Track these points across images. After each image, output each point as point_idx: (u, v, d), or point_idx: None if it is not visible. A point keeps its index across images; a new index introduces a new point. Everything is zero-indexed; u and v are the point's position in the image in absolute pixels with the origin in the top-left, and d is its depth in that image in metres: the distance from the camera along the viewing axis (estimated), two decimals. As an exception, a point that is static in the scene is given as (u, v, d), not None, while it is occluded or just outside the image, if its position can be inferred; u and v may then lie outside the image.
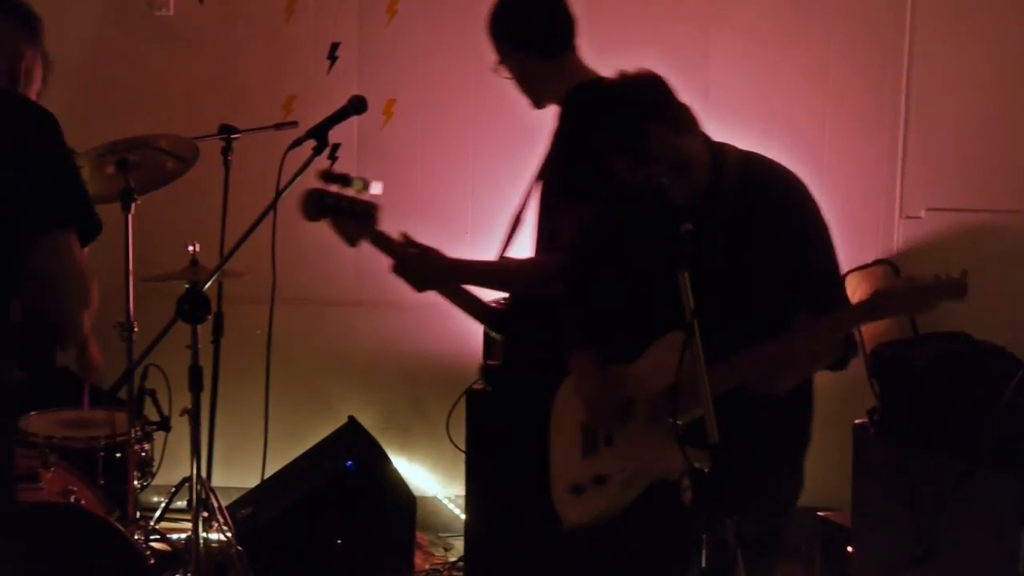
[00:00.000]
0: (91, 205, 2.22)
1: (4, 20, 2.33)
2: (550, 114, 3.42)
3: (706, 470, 2.15)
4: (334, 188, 3.16)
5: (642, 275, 2.64)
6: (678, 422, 2.29)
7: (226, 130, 4.35)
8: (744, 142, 2.80)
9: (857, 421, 3.76)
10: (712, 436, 2.15)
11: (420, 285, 3.23)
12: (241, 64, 5.11)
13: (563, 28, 3.27)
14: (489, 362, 3.47)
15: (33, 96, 2.40)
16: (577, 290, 2.86)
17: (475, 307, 3.38)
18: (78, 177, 2.24)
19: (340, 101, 3.44)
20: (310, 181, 3.23)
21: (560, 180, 3.10)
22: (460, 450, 4.11)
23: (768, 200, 2.58)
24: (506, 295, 3.52)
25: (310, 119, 4.70)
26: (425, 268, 3.19)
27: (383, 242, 3.20)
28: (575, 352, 2.83)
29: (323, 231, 4.98)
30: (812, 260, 2.57)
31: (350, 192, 3.16)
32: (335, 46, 5.07)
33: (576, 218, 2.97)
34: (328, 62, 5.07)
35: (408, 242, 3.21)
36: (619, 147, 2.57)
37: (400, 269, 3.20)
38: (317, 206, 3.16)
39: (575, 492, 2.72)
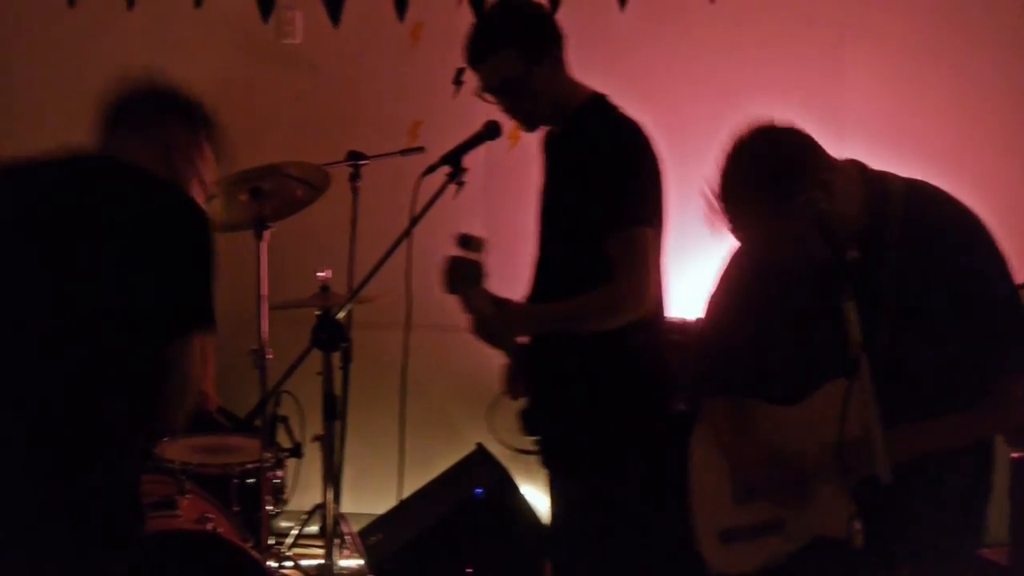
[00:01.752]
0: (212, 306, 2.29)
1: (162, 119, 2.42)
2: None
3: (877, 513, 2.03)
4: (471, 254, 3.06)
5: (799, 311, 2.48)
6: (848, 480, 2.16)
7: (354, 156, 4.36)
8: (878, 160, 2.68)
9: (1014, 455, 3.59)
10: (885, 476, 2.02)
11: (492, 341, 3.09)
12: (367, 90, 5.13)
13: (563, 36, 3.07)
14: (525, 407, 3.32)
15: (199, 181, 2.46)
16: (714, 331, 2.70)
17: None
18: (210, 281, 2.29)
19: (466, 125, 3.41)
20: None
21: (613, 204, 2.86)
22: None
23: (940, 237, 2.37)
24: None
25: (436, 144, 4.71)
26: (498, 324, 3.04)
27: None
28: (707, 399, 2.69)
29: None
30: (994, 299, 2.34)
31: (475, 255, 3.05)
32: (460, 71, 5.02)
33: (640, 242, 2.83)
34: (454, 87, 5.06)
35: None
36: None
37: (477, 329, 3.07)
38: (463, 278, 3.06)
39: (725, 539, 2.59)
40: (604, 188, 2.87)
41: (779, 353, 2.53)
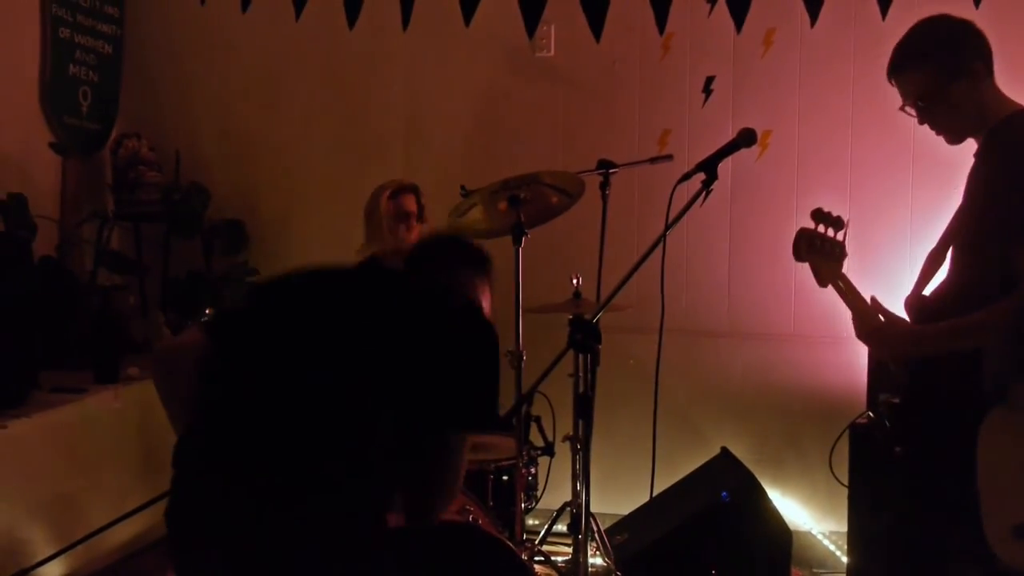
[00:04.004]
0: (495, 411, 2.61)
1: (464, 271, 2.87)
2: (931, 146, 3.23)
3: None
4: (821, 228, 3.15)
5: None
6: None
7: (604, 165, 4.45)
8: None
9: None
10: None
11: (885, 352, 3.12)
12: (618, 100, 5.23)
13: (990, 50, 3.07)
14: (892, 399, 3.31)
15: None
16: None
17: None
18: (497, 388, 2.59)
19: (714, 134, 3.44)
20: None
21: (1020, 217, 2.81)
22: (843, 485, 4.03)
23: None
24: None
25: (685, 152, 4.80)
26: (892, 339, 3.05)
27: (847, 289, 3.14)
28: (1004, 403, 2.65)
29: (694, 262, 5.09)
30: None
31: (831, 232, 3.14)
32: (710, 79, 5.10)
33: None
34: (703, 95, 5.12)
35: (876, 306, 3.08)
36: None
37: (865, 336, 3.08)
38: (807, 247, 3.16)
39: (1019, 535, 2.56)
40: (1011, 197, 2.85)
41: None
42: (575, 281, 4.15)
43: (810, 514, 5.00)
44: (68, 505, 4.29)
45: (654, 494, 4.58)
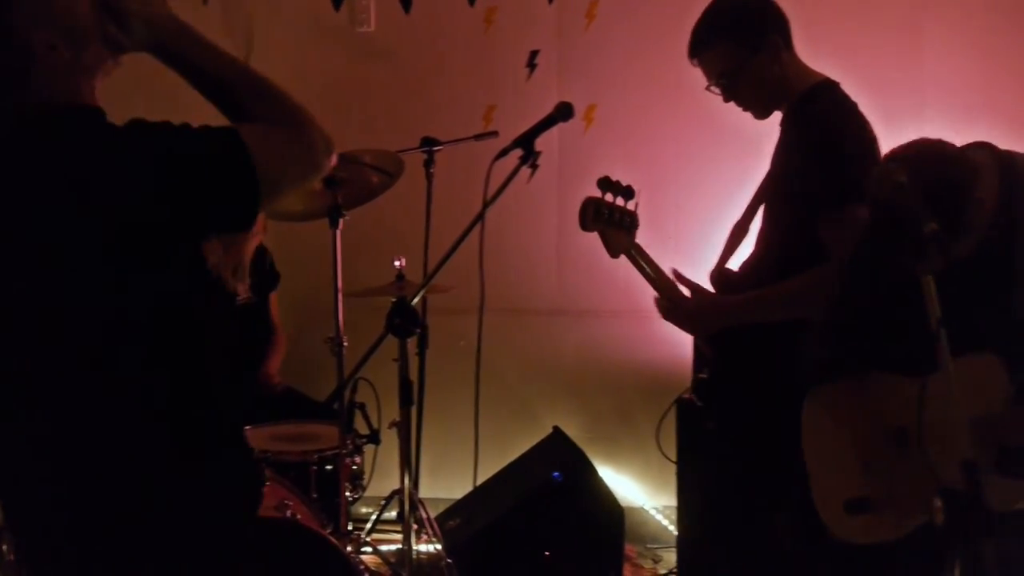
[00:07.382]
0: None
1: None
2: (752, 117, 3.23)
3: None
4: (608, 197, 3.10)
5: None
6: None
7: (428, 142, 4.35)
8: (964, 136, 2.63)
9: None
10: (966, 451, 2.00)
11: (693, 329, 3.10)
12: (441, 76, 5.13)
13: (787, 22, 3.08)
14: (700, 375, 3.32)
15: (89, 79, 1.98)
16: (842, 309, 2.68)
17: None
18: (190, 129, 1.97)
19: (540, 109, 3.39)
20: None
21: (826, 187, 2.84)
22: (671, 461, 4.02)
23: None
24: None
25: (510, 128, 4.69)
26: (697, 313, 3.05)
27: (642, 260, 3.10)
28: (827, 382, 2.68)
29: (522, 240, 5.02)
30: None
31: (620, 201, 3.08)
32: (534, 54, 5.04)
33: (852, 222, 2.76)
34: (527, 70, 5.05)
35: (679, 279, 3.07)
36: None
37: (667, 310, 3.08)
38: (593, 215, 3.10)
39: (851, 509, 2.56)
40: (818, 167, 2.86)
41: (900, 324, 2.50)
42: (398, 263, 4.04)
43: (643, 490, 5.01)
44: None
45: (487, 477, 4.51)
